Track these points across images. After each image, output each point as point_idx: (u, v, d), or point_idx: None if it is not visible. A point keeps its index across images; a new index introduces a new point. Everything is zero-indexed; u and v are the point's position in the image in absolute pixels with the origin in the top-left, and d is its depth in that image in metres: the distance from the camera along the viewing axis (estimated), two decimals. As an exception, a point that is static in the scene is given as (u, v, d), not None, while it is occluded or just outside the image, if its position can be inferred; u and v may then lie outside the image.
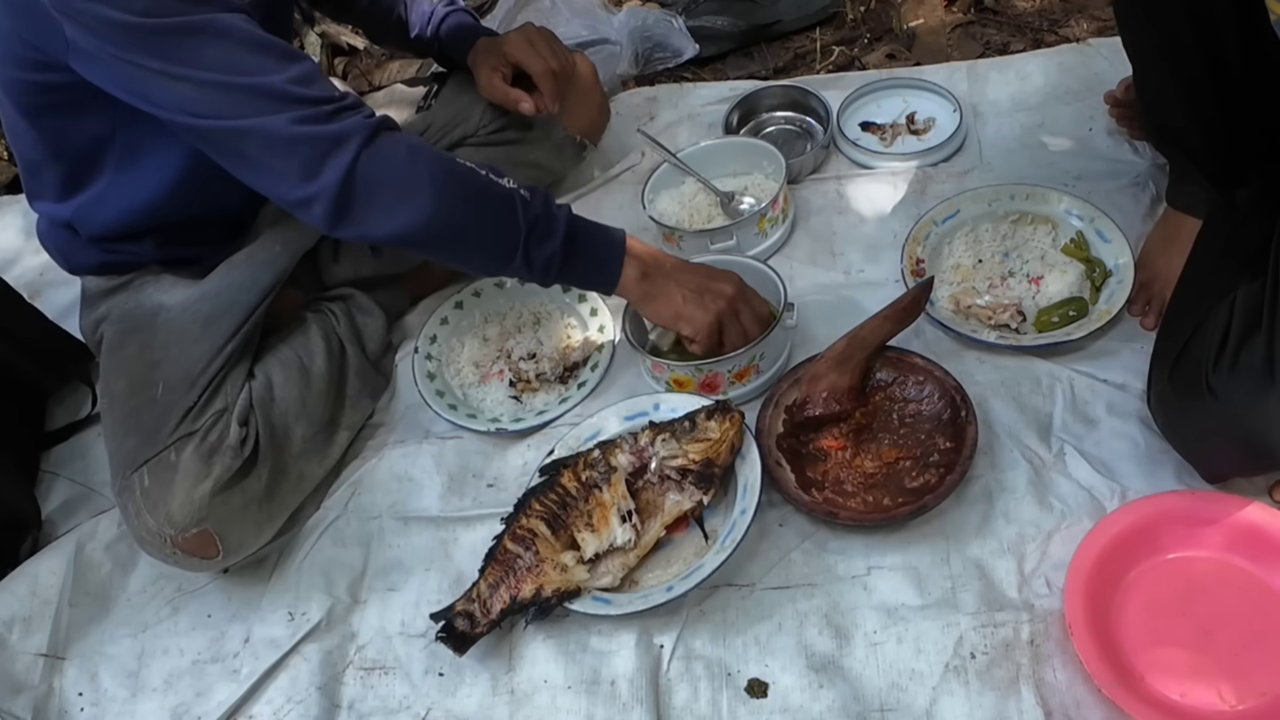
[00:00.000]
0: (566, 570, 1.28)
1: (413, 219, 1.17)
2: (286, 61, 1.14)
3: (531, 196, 1.22)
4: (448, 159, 1.19)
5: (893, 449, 1.37)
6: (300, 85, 1.13)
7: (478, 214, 1.19)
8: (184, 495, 1.30)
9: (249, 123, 1.11)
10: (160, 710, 1.35)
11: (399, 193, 1.13)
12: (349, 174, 1.12)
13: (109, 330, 1.46)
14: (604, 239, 1.31)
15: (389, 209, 1.15)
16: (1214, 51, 1.18)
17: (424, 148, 1.17)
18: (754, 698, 1.22)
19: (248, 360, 1.45)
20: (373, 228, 1.18)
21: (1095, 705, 1.13)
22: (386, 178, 1.13)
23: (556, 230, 1.23)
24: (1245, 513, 1.19)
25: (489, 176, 1.21)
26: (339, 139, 1.11)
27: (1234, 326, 1.12)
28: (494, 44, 1.61)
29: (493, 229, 1.20)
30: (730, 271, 1.40)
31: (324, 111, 1.12)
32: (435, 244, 1.24)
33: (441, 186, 1.15)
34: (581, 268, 1.30)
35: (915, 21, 2.09)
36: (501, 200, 1.19)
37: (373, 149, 1.12)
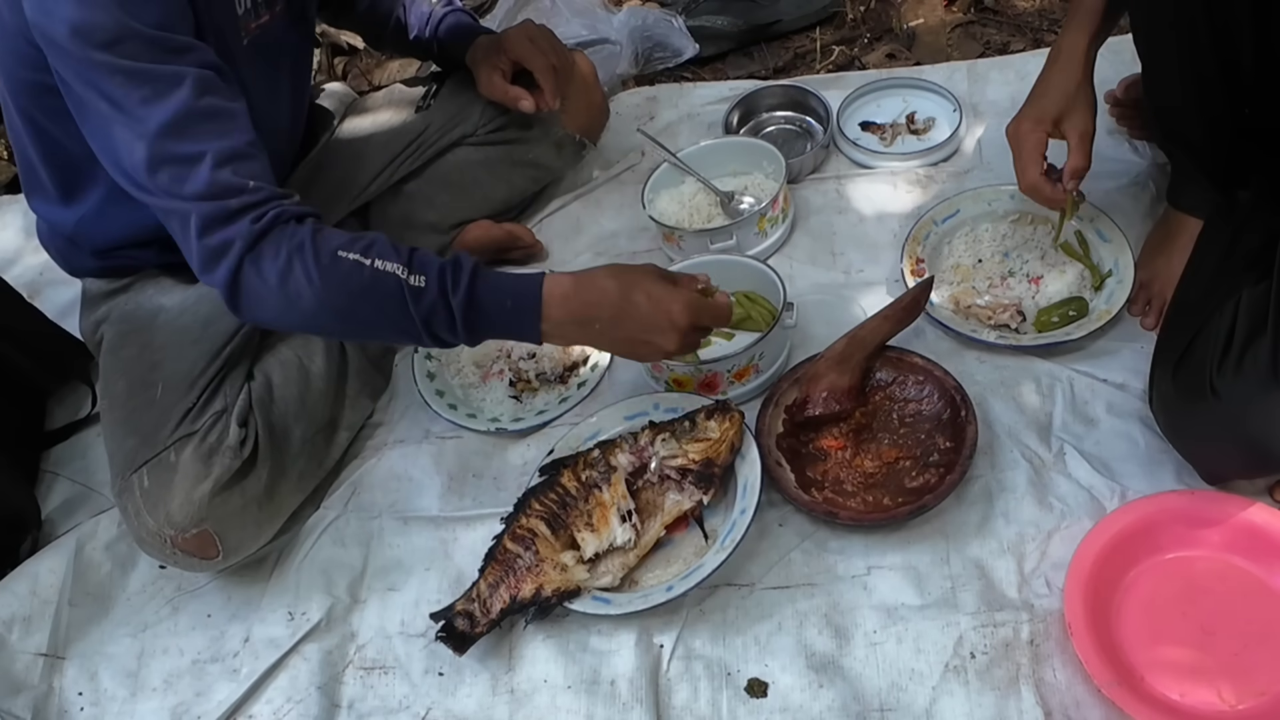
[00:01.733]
0: (566, 570, 1.28)
1: (300, 321, 1.18)
2: (215, 140, 1.12)
3: (425, 280, 1.14)
4: (330, 256, 1.13)
5: (893, 449, 1.37)
6: (219, 169, 1.11)
7: (366, 311, 1.15)
8: (184, 496, 1.30)
9: (160, 203, 1.13)
10: (160, 710, 1.35)
11: (282, 300, 1.13)
12: (233, 280, 1.12)
13: (109, 331, 1.46)
14: (515, 305, 1.19)
15: (277, 313, 1.15)
16: (1226, 49, 1.18)
17: (305, 247, 1.12)
18: (754, 697, 1.22)
19: (247, 361, 1.45)
20: (269, 323, 1.23)
21: (1095, 705, 1.13)
22: (266, 287, 1.12)
23: (455, 312, 1.15)
24: (1245, 513, 1.19)
25: (375, 266, 1.13)
26: (223, 247, 1.11)
27: (1238, 328, 1.12)
28: (493, 42, 1.61)
29: (386, 321, 1.17)
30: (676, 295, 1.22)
31: (227, 208, 1.11)
32: (334, 336, 1.29)
33: (320, 290, 1.12)
34: (496, 332, 1.23)
35: (915, 21, 2.09)
36: (390, 293, 1.14)
37: (254, 255, 1.11)
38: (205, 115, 1.11)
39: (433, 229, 1.69)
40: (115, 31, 1.07)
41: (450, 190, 1.68)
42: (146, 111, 1.09)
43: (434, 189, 1.67)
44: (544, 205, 1.82)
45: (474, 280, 1.16)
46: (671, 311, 1.21)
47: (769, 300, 1.53)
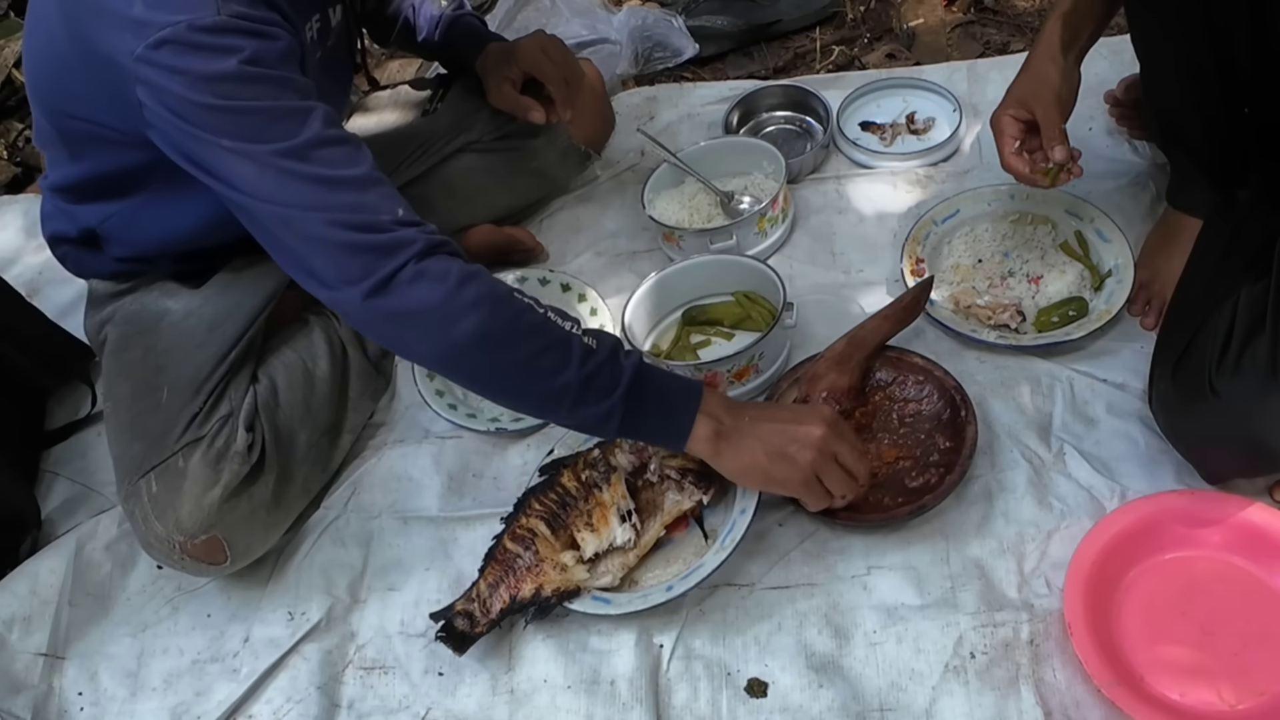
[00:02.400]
0: (566, 570, 1.29)
1: (456, 342, 1.07)
2: (353, 165, 1.09)
3: (598, 345, 1.11)
4: (505, 290, 1.09)
5: (892, 449, 1.37)
6: (362, 190, 1.08)
7: (528, 351, 1.09)
8: (193, 502, 1.30)
9: (297, 214, 1.07)
10: (160, 710, 1.35)
11: (440, 316, 1.05)
12: (391, 285, 1.05)
13: (113, 332, 1.46)
14: (675, 398, 1.16)
15: (434, 328, 1.07)
16: (1225, 48, 1.18)
17: (480, 274, 1.08)
18: (754, 697, 1.22)
19: (251, 364, 1.44)
20: (418, 343, 1.10)
21: (1095, 705, 1.13)
22: (428, 298, 1.05)
23: (619, 384, 1.10)
24: (1245, 513, 1.19)
25: (548, 316, 1.11)
26: (391, 248, 1.05)
27: (1237, 327, 1.12)
28: (505, 52, 1.60)
29: (545, 370, 1.09)
30: (818, 408, 1.26)
31: (384, 221, 1.06)
32: (479, 374, 1.13)
33: (488, 315, 1.06)
34: (643, 428, 1.18)
35: (915, 21, 2.09)
36: (558, 343, 1.09)
37: (423, 265, 1.05)
38: (339, 144, 1.09)
39: (435, 235, 1.68)
40: (242, 74, 1.05)
41: (454, 196, 1.68)
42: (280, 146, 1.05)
43: (437, 194, 1.67)
44: (544, 206, 1.82)
45: (642, 360, 1.14)
46: (820, 414, 1.20)
47: (769, 300, 1.53)
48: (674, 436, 1.17)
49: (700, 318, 1.58)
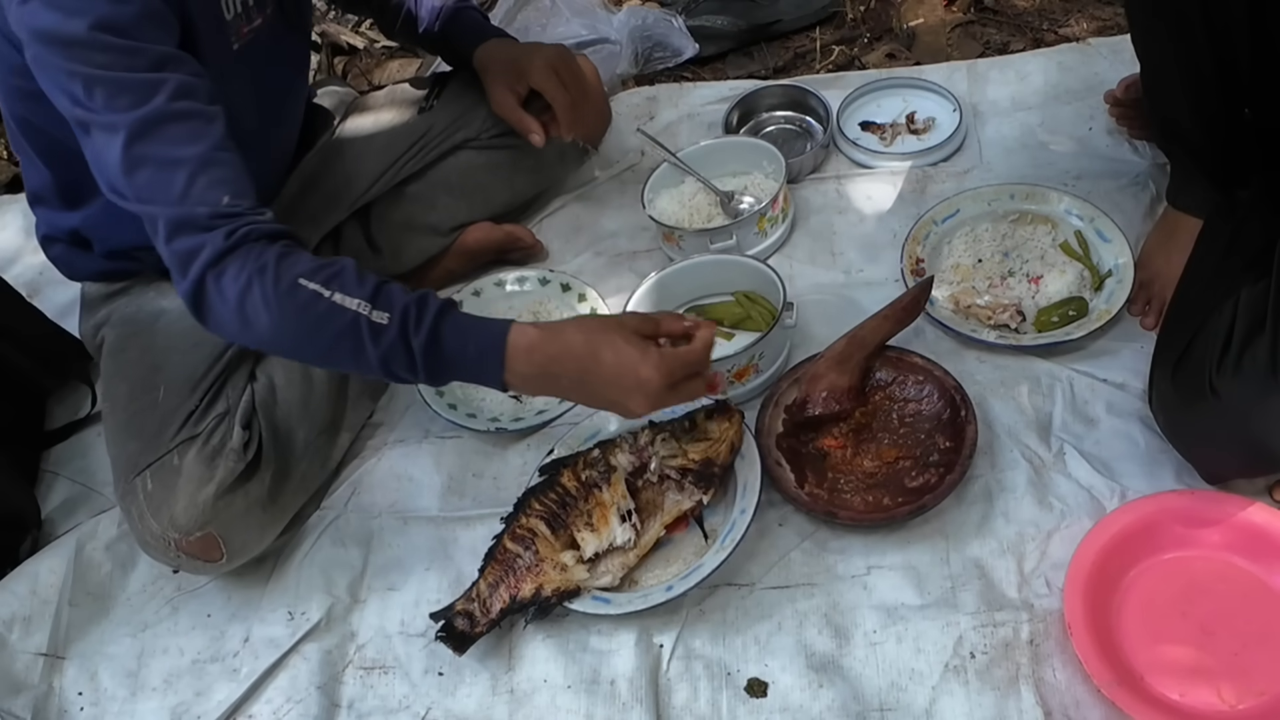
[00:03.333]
0: (566, 570, 1.29)
1: (257, 342, 1.16)
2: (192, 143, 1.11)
3: (389, 319, 1.11)
4: (290, 283, 1.10)
5: (892, 449, 1.37)
6: (195, 176, 1.10)
7: (321, 343, 1.13)
8: (188, 499, 1.30)
9: (136, 207, 1.11)
10: (160, 710, 1.35)
11: (239, 320, 1.11)
12: (195, 291, 1.11)
13: (110, 334, 1.46)
14: (477, 352, 1.14)
15: (235, 331, 1.13)
16: (1224, 50, 1.18)
17: (267, 271, 1.09)
18: (754, 697, 1.22)
19: (249, 362, 1.44)
20: (231, 339, 1.23)
21: (1095, 705, 1.13)
22: (224, 305, 1.10)
23: (415, 354, 1.12)
24: (1245, 512, 1.19)
25: (333, 300, 1.10)
26: (189, 255, 1.10)
27: (1237, 327, 1.12)
28: (514, 61, 1.56)
29: (342, 355, 1.13)
30: (645, 357, 1.13)
31: (197, 217, 1.09)
32: (295, 359, 1.27)
33: (276, 316, 1.10)
34: (458, 376, 1.19)
35: (915, 21, 2.09)
36: (346, 328, 1.10)
37: (217, 271, 1.09)
38: (182, 120, 1.10)
39: (433, 231, 1.68)
40: (91, 40, 1.07)
41: (452, 193, 1.68)
42: (122, 118, 1.08)
43: (435, 191, 1.67)
44: (544, 205, 1.82)
45: (438, 322, 1.12)
46: (640, 374, 1.13)
47: (769, 300, 1.53)
48: (489, 384, 1.17)
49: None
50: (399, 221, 1.66)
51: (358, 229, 1.65)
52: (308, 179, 1.58)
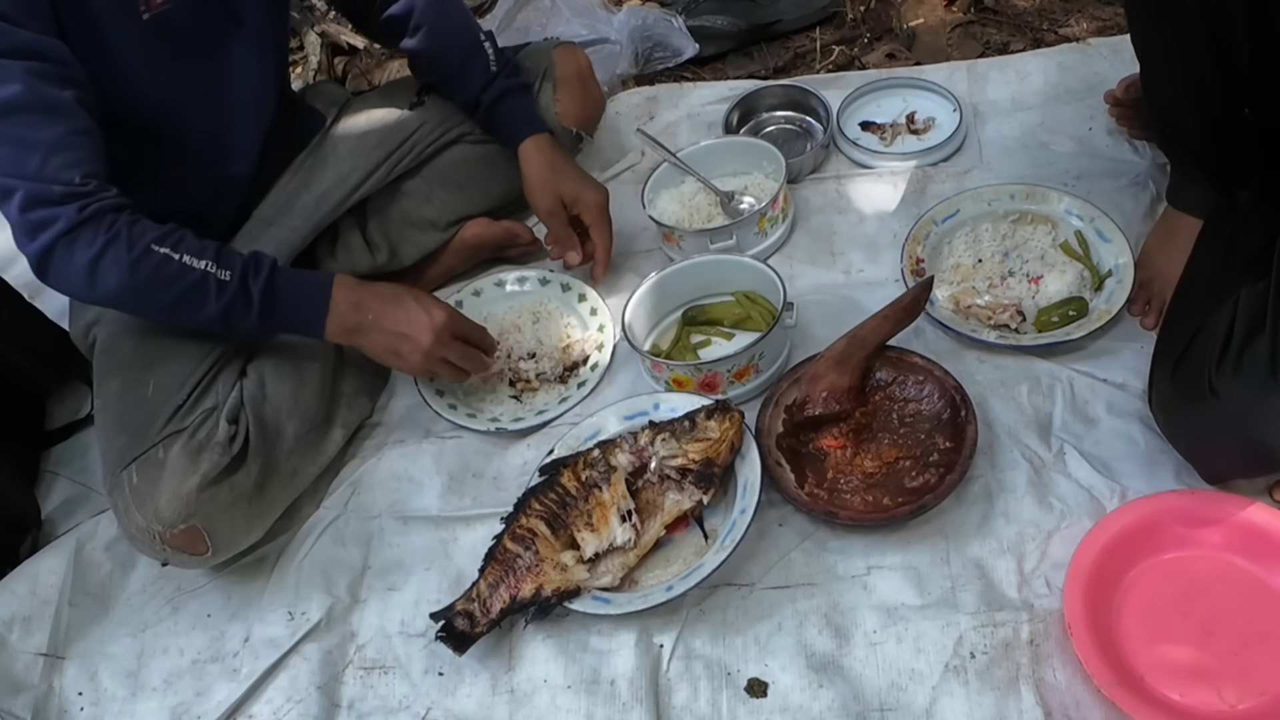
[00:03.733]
0: (566, 570, 1.29)
1: (99, 300, 1.31)
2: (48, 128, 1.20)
3: (230, 275, 1.29)
4: (142, 248, 1.24)
5: (892, 449, 1.37)
6: (50, 157, 1.20)
7: (168, 298, 1.28)
8: (171, 491, 1.31)
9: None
10: (160, 710, 1.35)
11: (86, 281, 1.24)
12: (44, 254, 1.23)
13: (101, 332, 1.46)
14: (305, 303, 1.35)
15: (79, 290, 1.27)
16: (1225, 52, 1.18)
17: (120, 236, 1.23)
18: (754, 697, 1.22)
19: (240, 359, 1.45)
20: (73, 296, 1.37)
21: (1095, 705, 1.13)
22: (73, 267, 1.23)
23: (251, 305, 1.30)
24: (1245, 512, 1.19)
25: (183, 261, 1.27)
26: (42, 224, 1.21)
27: (1237, 328, 1.12)
28: (570, 179, 1.60)
29: (187, 309, 1.29)
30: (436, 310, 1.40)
31: (53, 192, 1.20)
32: (135, 314, 1.38)
33: (126, 276, 1.24)
34: (286, 330, 1.38)
35: (915, 21, 2.09)
36: (194, 286, 1.27)
37: (70, 238, 1.22)
38: (35, 107, 1.19)
39: (431, 226, 1.68)
40: None
41: (448, 187, 1.68)
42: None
43: (432, 186, 1.67)
44: (544, 205, 1.82)
45: (273, 273, 1.32)
46: (431, 311, 1.39)
47: (769, 300, 1.53)
48: (314, 334, 1.37)
49: (700, 318, 1.58)
50: (396, 217, 1.66)
51: (354, 226, 1.65)
52: (301, 177, 1.58)
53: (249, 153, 1.50)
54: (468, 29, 1.60)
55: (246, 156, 1.49)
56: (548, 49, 1.72)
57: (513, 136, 1.61)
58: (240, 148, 1.48)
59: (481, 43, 1.59)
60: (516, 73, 1.63)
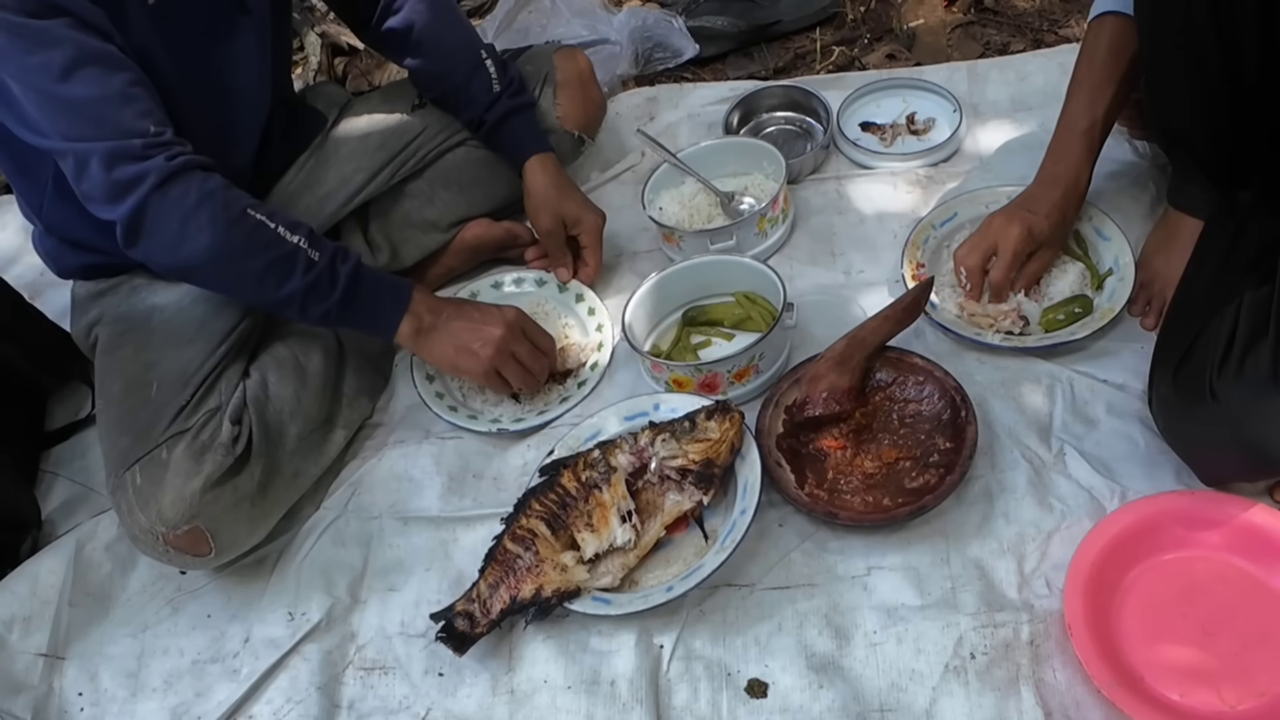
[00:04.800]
0: (566, 570, 1.29)
1: (191, 259, 1.25)
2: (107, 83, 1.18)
3: (319, 256, 1.29)
4: (239, 210, 1.24)
5: (892, 449, 1.37)
6: (117, 107, 1.18)
7: (257, 265, 1.26)
8: (175, 492, 1.31)
9: (59, 145, 1.19)
10: (160, 710, 1.35)
11: (179, 237, 1.21)
12: (137, 211, 1.20)
13: (103, 332, 1.46)
14: (385, 298, 1.37)
15: (169, 246, 1.23)
16: (1232, 58, 1.17)
17: (217, 195, 1.22)
18: (754, 698, 1.22)
19: (243, 360, 1.45)
20: (159, 258, 1.27)
21: (1095, 706, 1.13)
22: (167, 222, 1.21)
23: (336, 289, 1.30)
24: (1245, 513, 1.19)
25: (278, 231, 1.26)
26: (135, 181, 1.18)
27: (1239, 332, 1.12)
28: (573, 202, 1.61)
29: (272, 281, 1.28)
30: (508, 309, 1.44)
31: (134, 146, 1.18)
32: (215, 283, 1.34)
33: (222, 235, 1.22)
34: (358, 323, 1.38)
35: (915, 21, 2.09)
36: (285, 257, 1.27)
37: (163, 191, 1.19)
38: (89, 60, 1.17)
39: (433, 227, 1.69)
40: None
41: (450, 188, 1.68)
42: (32, 60, 1.14)
43: (434, 187, 1.67)
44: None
45: (359, 265, 1.34)
46: (501, 312, 1.43)
47: (769, 301, 1.53)
48: (384, 331, 1.39)
49: (700, 318, 1.58)
50: (397, 218, 1.66)
51: (356, 227, 1.65)
52: (303, 178, 1.58)
53: (246, 146, 1.49)
54: (469, 46, 1.60)
55: (242, 149, 1.49)
56: (549, 52, 1.72)
57: (517, 155, 1.62)
58: (236, 139, 1.48)
59: (483, 60, 1.59)
60: (521, 89, 1.63)
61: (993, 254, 1.43)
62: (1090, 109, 1.38)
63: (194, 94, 1.37)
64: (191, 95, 1.36)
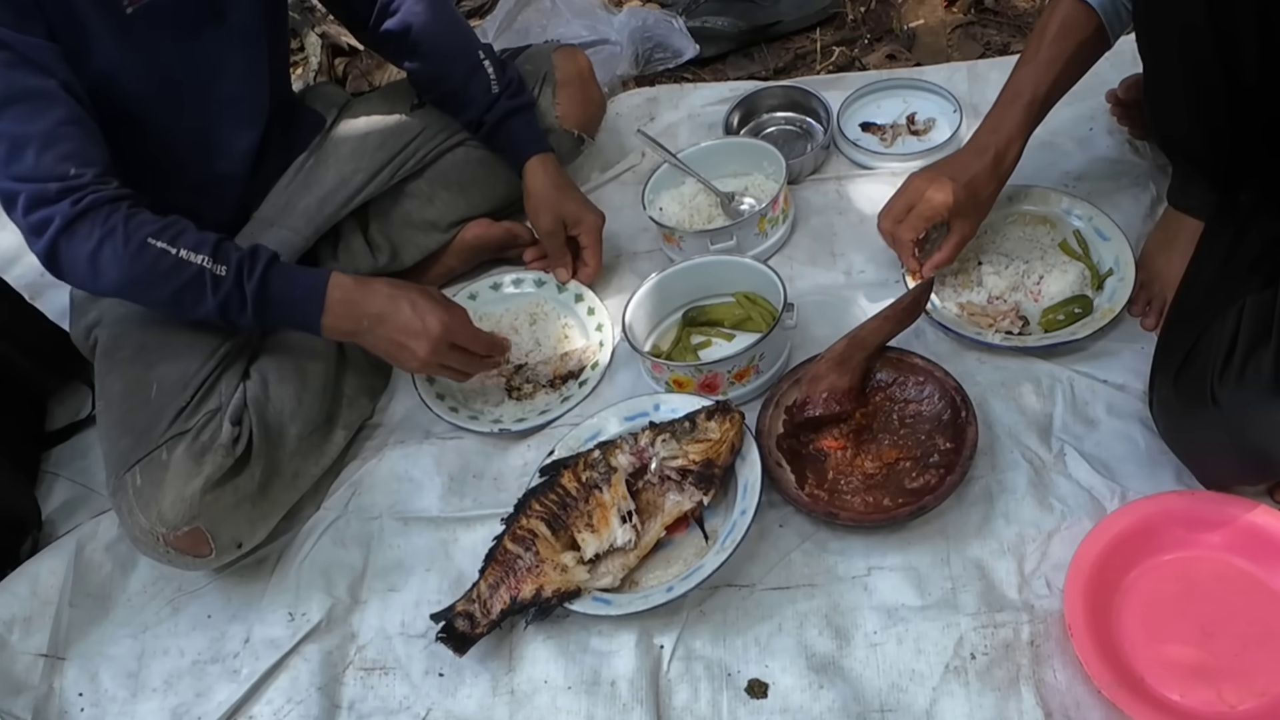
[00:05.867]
0: (567, 571, 1.29)
1: (109, 292, 1.30)
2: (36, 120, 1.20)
3: (225, 271, 1.29)
4: (139, 242, 1.25)
5: (893, 449, 1.37)
6: (43, 153, 1.20)
7: (166, 292, 1.28)
8: (175, 493, 1.31)
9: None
10: (160, 710, 1.35)
11: (90, 274, 1.25)
12: (49, 252, 1.24)
13: (103, 334, 1.46)
14: (298, 306, 1.35)
15: (87, 283, 1.28)
16: (1231, 60, 1.17)
17: (116, 231, 1.23)
18: (754, 698, 1.22)
19: (243, 361, 1.45)
20: (84, 289, 1.36)
21: (1095, 706, 1.13)
22: (77, 262, 1.24)
23: (246, 304, 1.30)
24: (1246, 514, 1.19)
25: (180, 255, 1.27)
26: (43, 224, 1.22)
27: (1241, 337, 1.12)
28: (573, 202, 1.62)
29: (187, 303, 1.29)
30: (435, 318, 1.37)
31: (49, 190, 1.21)
32: (145, 306, 1.38)
33: (126, 269, 1.24)
34: (283, 318, 1.36)
35: (915, 22, 2.09)
36: (191, 281, 1.28)
37: (70, 232, 1.22)
38: (21, 99, 1.20)
39: (433, 227, 1.68)
40: None
41: (450, 189, 1.68)
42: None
43: (434, 187, 1.67)
44: (544, 206, 1.82)
45: (267, 270, 1.31)
46: (427, 321, 1.37)
47: (769, 301, 1.53)
48: (309, 330, 1.37)
49: (701, 319, 1.58)
50: (397, 218, 1.66)
51: (356, 227, 1.65)
52: (303, 179, 1.58)
53: (241, 152, 1.49)
54: (466, 47, 1.60)
55: (238, 156, 1.49)
56: (548, 51, 1.72)
57: (517, 156, 1.62)
58: (229, 146, 1.48)
59: (481, 61, 1.59)
60: (520, 89, 1.63)
61: (906, 214, 1.43)
62: (1033, 83, 1.37)
63: (173, 105, 1.38)
64: (170, 107, 1.37)
